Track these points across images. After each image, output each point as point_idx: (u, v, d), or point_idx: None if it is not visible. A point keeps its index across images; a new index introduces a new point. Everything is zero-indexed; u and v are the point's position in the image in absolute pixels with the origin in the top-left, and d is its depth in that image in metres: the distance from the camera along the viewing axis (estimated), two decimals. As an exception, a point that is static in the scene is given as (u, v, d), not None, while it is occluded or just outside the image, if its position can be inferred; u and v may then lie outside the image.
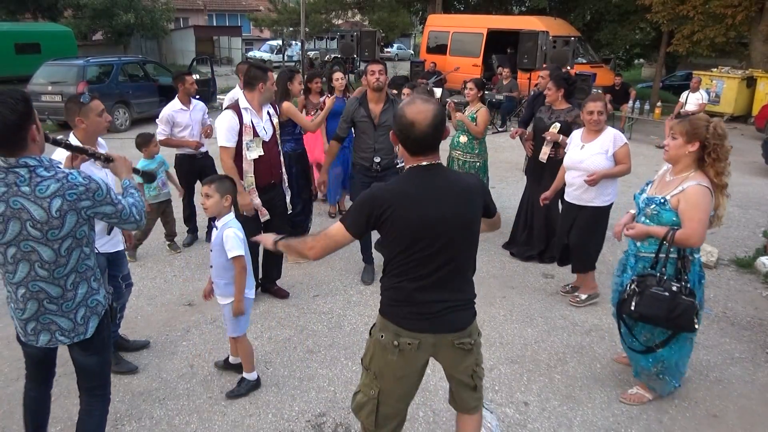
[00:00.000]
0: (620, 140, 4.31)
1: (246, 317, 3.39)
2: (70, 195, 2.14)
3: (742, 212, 7.28)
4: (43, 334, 2.35)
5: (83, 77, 12.14)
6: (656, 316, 3.03)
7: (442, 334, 2.31)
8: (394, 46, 36.72)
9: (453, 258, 2.27)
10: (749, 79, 14.68)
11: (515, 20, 17.88)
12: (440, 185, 2.25)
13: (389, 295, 2.34)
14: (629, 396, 3.49)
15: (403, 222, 2.20)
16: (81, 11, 25.31)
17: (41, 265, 2.21)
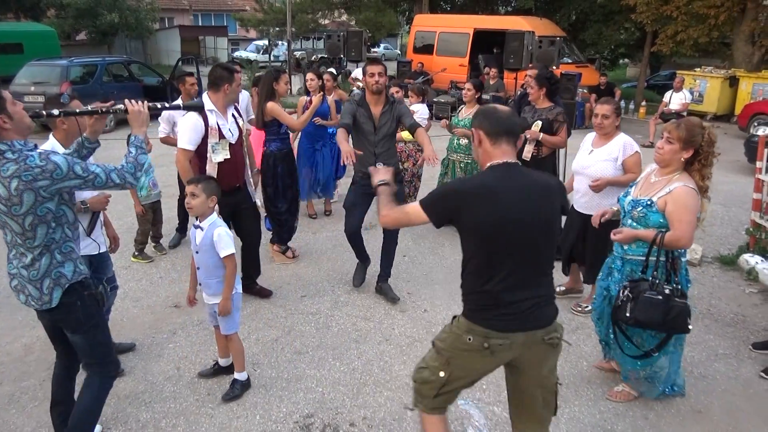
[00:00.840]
0: (631, 148, 4.05)
1: (238, 313, 3.41)
2: (25, 176, 2.36)
3: (725, 210, 7.36)
4: (21, 295, 2.63)
5: (66, 77, 12.03)
6: (652, 321, 3.02)
7: (532, 331, 2.32)
8: (381, 46, 36.71)
9: (537, 256, 2.31)
10: (732, 78, 14.86)
11: (501, 20, 17.95)
12: (524, 182, 2.30)
13: (474, 299, 2.36)
14: (615, 393, 3.52)
15: (489, 217, 2.23)
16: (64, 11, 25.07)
17: (14, 235, 2.51)
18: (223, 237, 3.20)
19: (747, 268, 5.41)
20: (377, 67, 4.42)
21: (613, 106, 4.11)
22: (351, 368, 3.80)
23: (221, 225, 3.26)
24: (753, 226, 5.83)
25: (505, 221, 2.22)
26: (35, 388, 3.53)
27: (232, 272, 3.25)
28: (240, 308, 3.44)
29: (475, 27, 16.64)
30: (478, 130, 2.37)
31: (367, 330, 4.29)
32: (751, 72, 14.77)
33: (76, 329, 2.69)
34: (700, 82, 15.12)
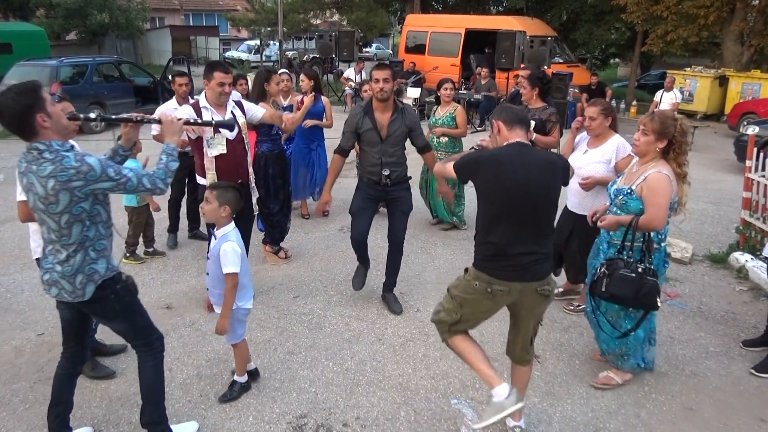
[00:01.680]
0: (624, 150, 4.05)
1: (243, 328, 3.36)
2: (61, 176, 2.44)
3: (715, 209, 7.41)
4: (53, 288, 2.68)
5: (56, 78, 11.93)
6: (625, 296, 3.26)
7: (528, 283, 2.77)
8: (373, 46, 36.71)
9: (538, 218, 2.76)
10: (721, 78, 14.97)
11: (493, 20, 18.01)
12: (531, 157, 2.78)
13: (483, 250, 2.82)
14: (599, 380, 3.66)
15: (498, 181, 2.71)
16: (54, 10, 24.86)
17: (51, 231, 2.58)
18: (228, 253, 3.11)
19: (737, 266, 5.45)
20: (382, 73, 4.11)
21: (599, 108, 4.11)
22: (344, 368, 3.79)
23: (232, 240, 3.16)
24: (743, 225, 5.87)
25: (507, 185, 2.70)
26: (26, 391, 3.51)
27: (230, 290, 3.15)
28: (242, 323, 3.35)
29: (466, 27, 16.68)
30: (498, 120, 2.88)
31: (359, 330, 4.28)
32: (740, 72, 14.89)
33: (114, 318, 2.82)
34: (690, 81, 15.23)
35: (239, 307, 3.26)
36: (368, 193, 4.40)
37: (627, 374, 3.64)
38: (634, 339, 3.48)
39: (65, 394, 2.97)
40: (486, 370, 2.83)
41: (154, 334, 2.96)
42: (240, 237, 3.26)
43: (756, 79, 14.41)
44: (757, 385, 3.68)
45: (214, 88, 4.07)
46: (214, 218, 3.20)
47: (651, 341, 3.64)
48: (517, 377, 3.13)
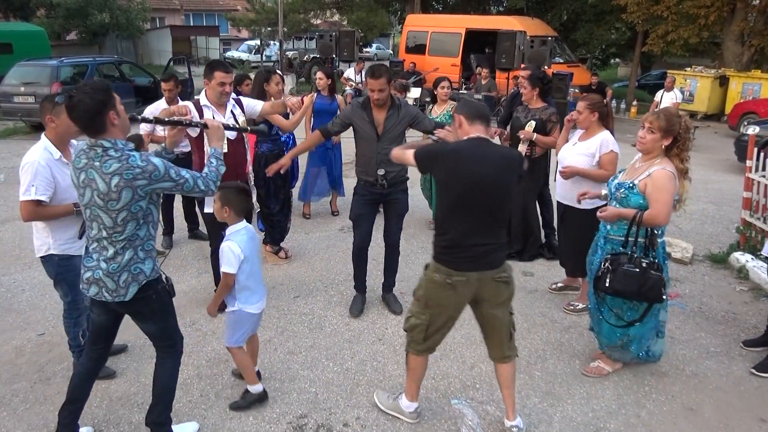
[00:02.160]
0: (607, 146, 4.20)
1: (242, 331, 3.28)
2: (126, 174, 2.51)
3: (716, 209, 7.41)
4: (94, 287, 2.70)
5: (57, 78, 11.92)
6: (629, 291, 3.31)
7: (484, 272, 2.87)
8: (373, 46, 36.71)
9: (492, 210, 2.85)
10: (722, 78, 14.97)
11: (493, 20, 18.02)
12: (490, 152, 2.85)
13: (440, 242, 2.90)
14: (590, 369, 3.73)
15: (457, 173, 2.78)
16: (54, 10, 24.87)
17: (104, 228, 2.61)
18: (224, 253, 3.12)
19: (737, 266, 5.45)
20: (377, 83, 4.03)
21: (586, 103, 4.27)
22: (344, 368, 3.79)
23: (234, 241, 3.13)
24: (743, 225, 5.87)
25: (468, 179, 2.77)
26: (26, 391, 3.51)
27: (221, 287, 3.19)
28: (242, 326, 3.27)
29: (467, 27, 16.69)
30: (460, 114, 2.94)
31: (360, 330, 4.28)
32: (740, 71, 14.89)
33: (150, 319, 2.86)
34: (691, 81, 15.23)
35: (240, 308, 3.22)
36: (365, 196, 4.36)
37: (617, 363, 3.73)
38: (637, 329, 3.51)
39: (83, 393, 2.99)
40: (413, 388, 3.20)
41: (179, 335, 3.02)
42: (248, 238, 3.18)
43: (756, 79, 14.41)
44: (758, 385, 3.68)
45: (215, 88, 4.07)
46: (220, 217, 3.21)
47: (660, 334, 3.65)
48: (502, 375, 3.13)
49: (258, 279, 3.28)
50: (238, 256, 3.11)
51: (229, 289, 3.18)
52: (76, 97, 2.49)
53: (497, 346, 3.08)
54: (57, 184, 3.18)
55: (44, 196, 3.13)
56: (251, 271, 3.20)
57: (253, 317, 3.30)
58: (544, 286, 5.05)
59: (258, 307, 3.30)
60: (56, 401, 2.94)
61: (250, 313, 3.27)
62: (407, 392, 3.23)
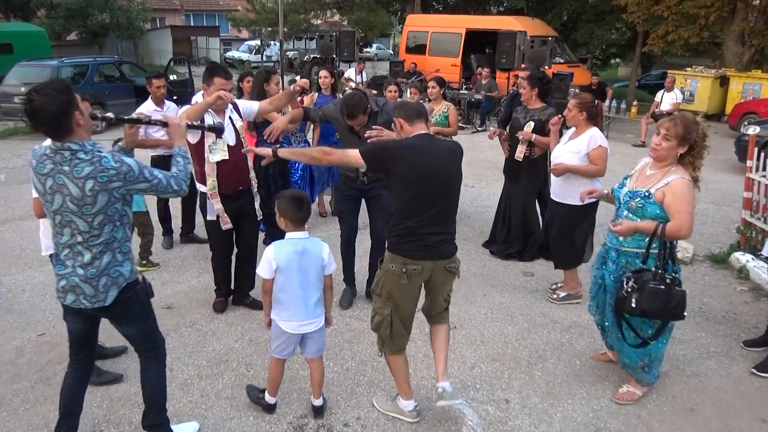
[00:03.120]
0: (595, 142, 4.29)
1: (277, 342, 3.15)
2: (101, 177, 2.43)
3: (716, 209, 7.40)
4: (70, 294, 2.62)
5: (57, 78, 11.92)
6: (656, 310, 3.14)
7: (437, 261, 3.01)
8: (374, 46, 36.68)
9: (445, 202, 2.99)
10: (722, 78, 14.95)
11: (493, 20, 18.01)
12: (436, 146, 3.00)
13: (397, 233, 2.99)
14: (621, 395, 3.51)
15: (413, 167, 2.89)
16: (55, 11, 24.88)
17: (78, 232, 2.52)
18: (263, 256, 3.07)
19: (738, 266, 5.45)
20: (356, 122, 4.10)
21: (576, 101, 4.36)
22: (344, 368, 3.79)
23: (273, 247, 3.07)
24: (744, 225, 5.87)
25: (423, 172, 2.89)
26: (26, 391, 3.51)
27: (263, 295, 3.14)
28: (277, 338, 3.16)
29: (467, 27, 16.69)
30: (398, 118, 3.06)
31: (360, 330, 4.28)
32: (741, 72, 14.87)
33: (131, 321, 2.80)
34: (691, 81, 15.21)
35: (273, 319, 3.13)
36: (346, 192, 4.49)
37: (645, 387, 3.54)
38: (656, 350, 3.38)
39: (76, 405, 2.93)
40: (403, 386, 3.25)
41: (160, 338, 2.98)
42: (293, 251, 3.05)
43: (757, 79, 14.39)
44: (758, 385, 3.68)
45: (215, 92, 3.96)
46: (283, 228, 3.15)
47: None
48: (436, 337, 3.30)
49: (296, 297, 3.06)
50: (270, 262, 3.00)
51: (266, 293, 3.10)
52: (38, 101, 2.33)
53: (437, 313, 3.29)
54: None
55: None
56: (285, 285, 3.04)
57: (283, 332, 3.11)
58: (545, 287, 5.05)
59: (291, 327, 3.09)
60: (57, 401, 2.92)
61: (280, 328, 3.11)
62: (401, 392, 3.28)
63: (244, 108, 4.31)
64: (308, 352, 3.22)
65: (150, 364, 2.93)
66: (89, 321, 2.79)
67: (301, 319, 3.09)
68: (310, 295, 3.09)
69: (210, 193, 4.08)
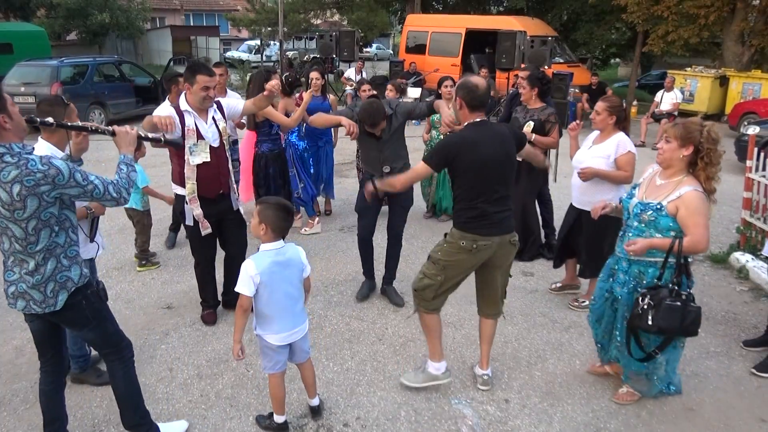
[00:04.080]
0: (624, 147, 4.13)
1: (268, 359, 3.03)
2: (27, 181, 2.32)
3: (715, 209, 7.31)
4: (20, 301, 2.56)
5: (57, 78, 11.92)
6: (672, 327, 3.02)
7: (505, 235, 3.28)
8: (373, 46, 36.70)
9: (504, 183, 3.25)
10: (722, 78, 14.96)
11: (493, 20, 18.00)
12: (489, 134, 3.22)
13: (467, 213, 3.23)
14: (621, 396, 3.49)
15: (472, 160, 3.15)
16: (54, 11, 24.89)
17: (15, 240, 2.45)
18: (241, 271, 2.86)
19: (738, 266, 5.45)
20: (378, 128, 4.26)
21: (606, 104, 4.20)
22: (344, 368, 3.79)
23: (253, 261, 2.86)
24: (743, 225, 5.87)
25: (484, 160, 3.15)
26: (26, 391, 3.51)
27: (237, 307, 2.90)
28: (266, 354, 3.04)
29: (467, 27, 16.68)
30: (461, 99, 3.24)
31: (360, 330, 4.28)
32: (741, 71, 14.87)
33: (85, 326, 2.72)
34: (691, 81, 15.21)
35: (260, 335, 2.99)
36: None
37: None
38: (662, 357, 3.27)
39: (57, 410, 2.89)
40: (437, 346, 3.47)
41: (123, 341, 2.89)
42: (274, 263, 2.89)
43: (756, 79, 14.39)
44: (758, 385, 3.68)
45: (198, 93, 3.79)
46: (256, 235, 2.94)
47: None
48: (484, 330, 3.55)
49: (283, 308, 2.95)
50: (252, 277, 2.83)
51: (243, 312, 2.89)
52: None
53: (490, 303, 3.48)
54: None
55: None
56: (271, 299, 2.90)
57: (273, 347, 2.99)
58: (544, 286, 5.06)
59: (279, 339, 2.97)
60: (56, 401, 2.93)
61: (269, 343, 2.98)
62: (432, 354, 3.48)
63: (228, 107, 4.15)
64: (297, 358, 3.13)
65: (114, 367, 2.86)
66: (48, 322, 2.74)
67: (290, 329, 2.99)
68: (296, 303, 3.01)
69: (189, 197, 3.92)
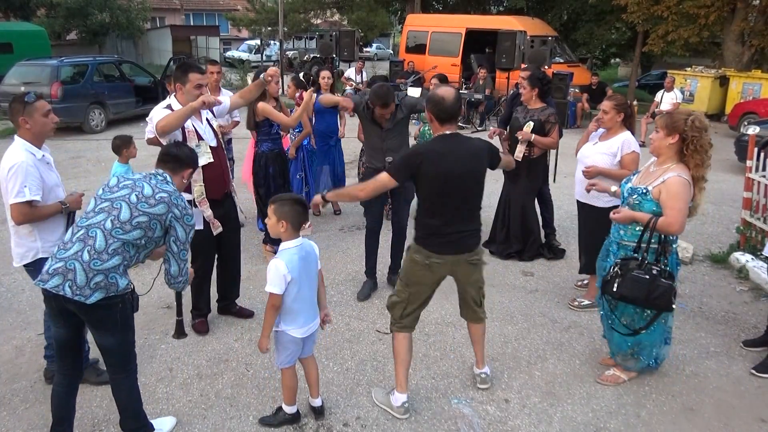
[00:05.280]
0: (629, 146, 4.20)
1: (286, 353, 3.06)
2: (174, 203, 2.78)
3: (716, 209, 7.40)
4: (56, 278, 2.56)
5: (57, 77, 11.90)
6: (636, 298, 3.24)
7: (460, 255, 3.19)
8: (373, 46, 36.68)
9: (466, 201, 3.14)
10: (722, 78, 14.94)
11: (493, 20, 18.01)
12: (458, 148, 3.08)
13: (423, 229, 3.20)
14: (606, 377, 3.66)
15: (433, 174, 3.03)
16: (54, 10, 24.88)
17: (113, 220, 2.63)
18: (271, 271, 2.87)
19: (738, 266, 5.45)
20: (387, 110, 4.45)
21: (613, 103, 4.25)
22: (344, 368, 3.79)
23: (283, 259, 2.88)
24: (743, 225, 5.87)
25: (443, 178, 3.03)
26: (26, 390, 3.51)
27: (268, 309, 2.92)
28: (286, 348, 3.05)
29: (467, 27, 16.68)
30: (429, 112, 3.13)
31: (360, 330, 4.28)
32: (741, 71, 14.86)
33: (110, 330, 2.72)
34: (691, 81, 15.20)
35: (284, 330, 3.00)
36: None
37: (632, 372, 3.66)
38: (646, 338, 3.47)
39: (68, 411, 2.91)
40: (401, 376, 3.31)
41: (134, 355, 2.90)
42: (299, 258, 2.92)
43: (757, 79, 14.38)
44: (758, 385, 3.68)
45: (191, 92, 3.78)
46: (275, 234, 2.95)
47: (667, 340, 3.66)
48: (473, 333, 3.55)
49: (308, 301, 3.02)
50: (284, 276, 2.85)
51: (275, 311, 2.94)
52: None
53: (468, 311, 3.49)
54: (44, 183, 3.13)
55: (38, 196, 3.07)
56: (299, 294, 2.95)
57: (296, 340, 3.03)
58: (545, 286, 5.06)
59: (303, 332, 3.02)
60: (56, 401, 2.93)
61: (294, 337, 3.01)
62: (397, 383, 3.33)
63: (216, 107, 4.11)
64: (307, 350, 3.16)
65: (120, 381, 2.87)
66: (73, 327, 2.76)
67: (312, 321, 3.08)
68: (314, 296, 3.10)
69: (199, 200, 3.89)
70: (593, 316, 4.35)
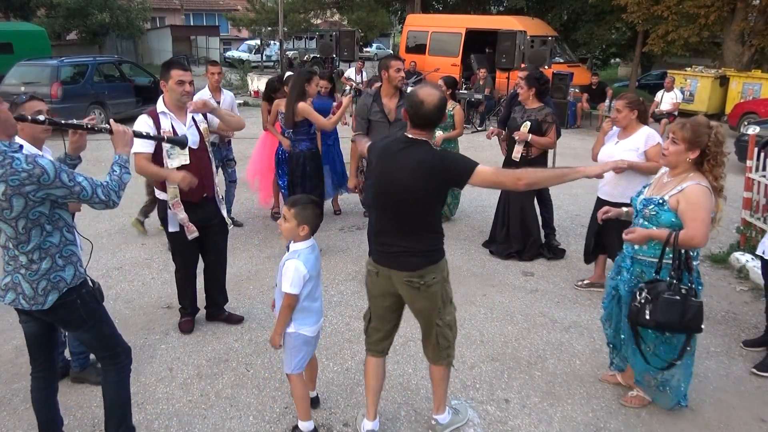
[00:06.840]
0: (653, 139, 4.20)
1: (301, 355, 3.00)
2: (12, 180, 2.30)
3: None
4: (10, 293, 2.53)
5: (57, 77, 11.91)
6: (671, 322, 2.94)
7: (394, 270, 2.82)
8: (373, 46, 36.72)
9: (403, 217, 2.76)
10: (722, 78, 14.96)
11: (493, 20, 18.02)
12: (410, 157, 2.69)
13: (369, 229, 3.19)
14: (630, 399, 3.45)
15: (373, 170, 2.87)
16: (54, 10, 24.89)
17: (7, 239, 2.45)
18: (289, 271, 2.84)
19: (738, 266, 5.45)
20: (399, 62, 4.66)
21: (625, 101, 4.28)
22: (344, 368, 3.79)
23: (300, 258, 2.86)
24: (744, 225, 5.87)
25: (378, 179, 2.81)
26: (26, 390, 3.48)
27: (284, 308, 2.89)
28: (301, 350, 2.99)
29: (467, 27, 16.70)
30: (404, 111, 2.78)
31: (360, 330, 4.26)
32: (741, 71, 14.88)
33: (80, 326, 2.68)
34: (691, 81, 15.21)
35: (297, 331, 2.95)
36: None
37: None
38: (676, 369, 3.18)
39: (51, 414, 2.86)
40: (370, 401, 3.07)
41: (120, 346, 2.82)
42: (315, 257, 2.92)
43: (757, 79, 14.40)
44: (758, 385, 3.68)
45: (174, 89, 3.69)
46: (292, 237, 2.91)
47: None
48: (432, 374, 3.13)
49: (318, 299, 3.03)
50: (305, 276, 2.85)
51: (291, 310, 2.90)
52: None
53: (426, 346, 3.07)
54: None
55: None
56: (311, 292, 2.94)
57: (309, 340, 3.02)
58: (545, 286, 5.06)
59: (315, 330, 3.02)
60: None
61: (308, 336, 2.99)
62: (367, 410, 3.11)
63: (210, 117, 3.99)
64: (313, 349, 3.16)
65: (108, 373, 2.80)
66: (43, 323, 2.70)
67: (321, 317, 3.11)
68: (322, 293, 3.14)
69: (172, 202, 3.78)
70: (593, 316, 4.36)
